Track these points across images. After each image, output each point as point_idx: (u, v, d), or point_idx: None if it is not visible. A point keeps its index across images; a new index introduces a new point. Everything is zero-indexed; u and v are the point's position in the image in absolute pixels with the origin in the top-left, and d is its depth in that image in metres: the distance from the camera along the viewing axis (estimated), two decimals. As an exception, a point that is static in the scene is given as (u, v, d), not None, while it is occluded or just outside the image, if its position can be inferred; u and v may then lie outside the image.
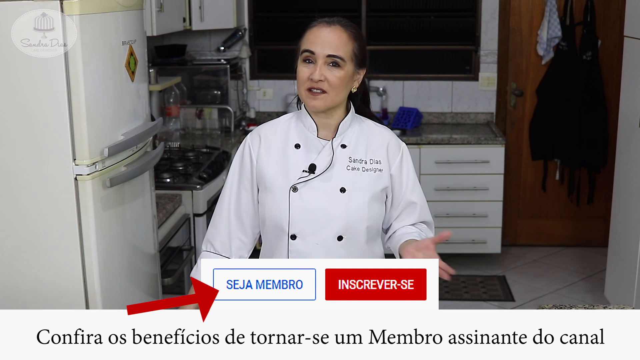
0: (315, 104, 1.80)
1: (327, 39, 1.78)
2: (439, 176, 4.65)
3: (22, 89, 1.92)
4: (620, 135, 3.67)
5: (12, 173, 1.96)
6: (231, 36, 5.12)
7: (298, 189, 1.82)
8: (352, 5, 5.19)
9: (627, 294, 3.49)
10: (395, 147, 1.89)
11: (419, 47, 5.22)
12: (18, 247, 1.99)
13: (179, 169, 3.65)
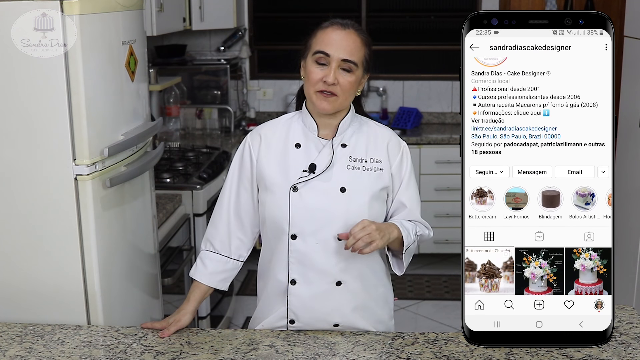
0: (325, 107, 1.80)
1: (343, 42, 1.78)
2: (439, 176, 4.64)
3: (22, 89, 1.92)
4: (620, 136, 3.67)
5: (12, 173, 1.95)
6: (231, 36, 5.12)
7: (298, 188, 1.82)
8: (352, 5, 5.19)
9: (627, 294, 3.49)
10: (395, 146, 1.89)
11: (419, 47, 5.23)
12: (18, 247, 1.99)
13: (179, 169, 3.65)
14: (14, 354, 1.75)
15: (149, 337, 1.83)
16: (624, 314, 1.91)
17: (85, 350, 1.77)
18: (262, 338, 1.82)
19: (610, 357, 1.68)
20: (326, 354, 1.74)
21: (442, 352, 1.73)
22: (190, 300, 1.92)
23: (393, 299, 2.02)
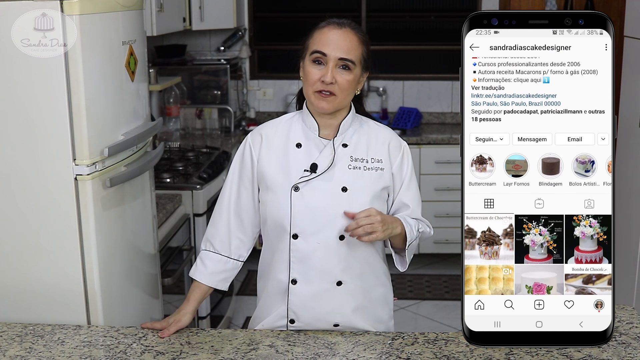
0: (323, 106, 1.80)
1: (339, 41, 1.78)
2: (439, 176, 4.64)
3: (22, 89, 1.92)
4: (620, 136, 3.67)
5: (12, 173, 1.95)
6: (231, 36, 5.12)
7: (299, 188, 1.82)
8: (352, 5, 5.20)
9: (627, 294, 3.49)
10: (396, 146, 1.90)
11: (419, 47, 5.23)
12: (18, 247, 1.99)
13: (179, 169, 3.65)
14: (14, 354, 1.75)
15: (149, 337, 1.83)
16: (624, 314, 1.91)
17: (85, 350, 1.77)
18: (262, 338, 1.82)
19: (610, 357, 1.68)
20: (326, 354, 1.74)
21: (442, 352, 1.73)
22: (190, 300, 1.92)
23: (393, 299, 2.02)
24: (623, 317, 1.89)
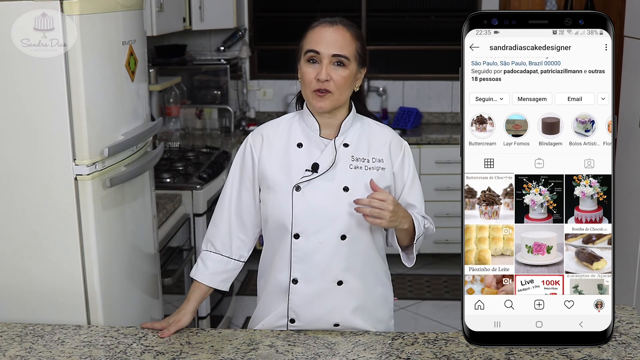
0: (321, 105, 1.80)
1: (331, 38, 1.78)
2: (439, 176, 4.64)
3: (22, 89, 1.92)
4: (620, 136, 3.67)
5: (12, 173, 1.95)
6: (231, 36, 5.12)
7: (301, 188, 1.82)
8: (352, 5, 5.20)
9: (627, 294, 3.49)
10: (397, 146, 1.90)
11: (419, 47, 5.23)
12: (18, 247, 1.99)
13: (179, 169, 3.65)
14: (14, 354, 1.75)
15: (149, 337, 1.83)
16: (624, 314, 1.91)
17: (85, 350, 1.77)
18: (262, 338, 1.82)
19: (610, 357, 1.68)
20: (326, 354, 1.74)
21: (442, 352, 1.73)
22: (190, 300, 1.92)
23: (393, 299, 2.02)
24: (623, 317, 1.89)
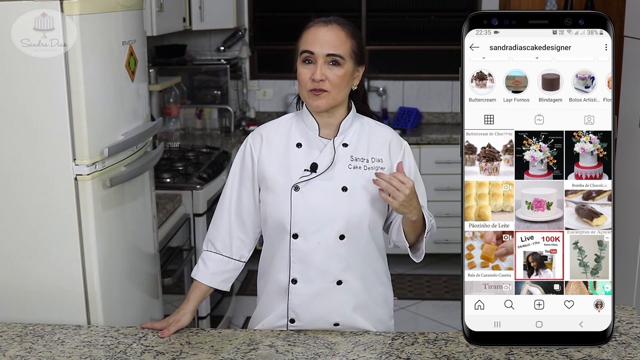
0: (317, 104, 1.80)
1: (325, 38, 1.79)
2: (439, 176, 4.64)
3: (22, 89, 1.92)
4: (620, 136, 3.67)
5: (12, 173, 1.95)
6: (231, 36, 5.12)
7: (300, 188, 1.82)
8: (352, 5, 5.20)
9: (627, 294, 3.49)
10: (397, 145, 1.89)
11: (419, 47, 5.23)
12: (18, 247, 1.99)
13: (179, 169, 3.65)
14: (14, 354, 1.75)
15: (149, 337, 1.83)
16: (624, 314, 1.91)
17: (85, 350, 1.77)
18: (262, 338, 1.82)
19: (610, 357, 1.68)
20: (326, 354, 1.74)
21: (442, 352, 1.73)
22: (190, 300, 1.92)
23: (393, 299, 2.02)
24: (623, 317, 1.89)
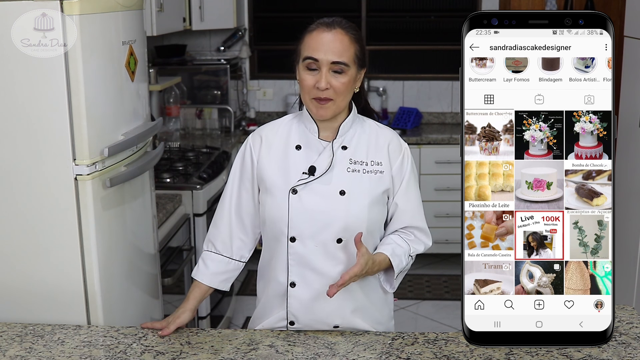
0: (322, 114, 1.79)
1: (330, 44, 1.76)
2: (439, 176, 4.64)
3: (22, 89, 1.92)
4: (620, 136, 3.67)
5: (12, 173, 1.95)
6: (231, 36, 5.12)
7: (298, 191, 1.81)
8: (352, 5, 5.20)
9: (627, 294, 3.49)
10: (396, 148, 1.88)
11: (419, 47, 5.23)
12: (18, 247, 1.99)
13: (179, 169, 3.65)
14: (14, 354, 1.75)
15: (149, 337, 1.83)
16: (624, 314, 1.91)
17: (85, 350, 1.77)
18: (262, 338, 1.82)
19: (610, 357, 1.68)
20: (326, 354, 1.74)
21: (442, 352, 1.73)
22: (189, 299, 1.92)
23: (393, 300, 2.01)
24: (623, 317, 1.89)
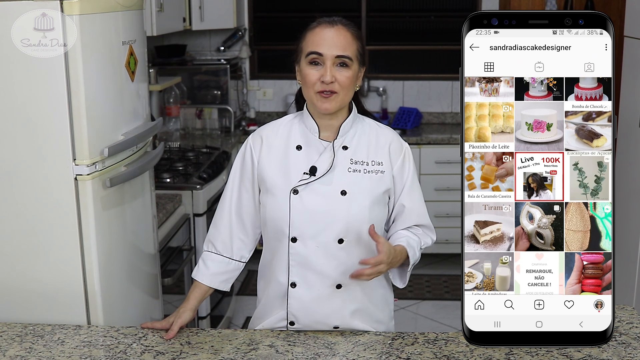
0: (327, 107, 1.79)
1: (334, 39, 1.78)
2: (439, 176, 4.64)
3: (22, 89, 1.92)
4: (620, 136, 3.67)
5: (12, 173, 1.95)
6: (231, 36, 5.12)
7: (299, 191, 1.81)
8: (352, 5, 5.20)
9: (627, 294, 3.49)
10: (397, 148, 1.88)
11: (419, 47, 5.23)
12: (18, 247, 1.99)
13: (179, 169, 3.65)
14: (14, 354, 1.75)
15: (149, 337, 1.83)
16: (624, 314, 1.91)
17: (85, 350, 1.77)
18: (262, 338, 1.82)
19: (610, 357, 1.68)
20: (326, 354, 1.74)
21: (442, 352, 1.73)
22: (190, 299, 1.91)
23: (393, 300, 2.01)
24: (623, 317, 1.89)
